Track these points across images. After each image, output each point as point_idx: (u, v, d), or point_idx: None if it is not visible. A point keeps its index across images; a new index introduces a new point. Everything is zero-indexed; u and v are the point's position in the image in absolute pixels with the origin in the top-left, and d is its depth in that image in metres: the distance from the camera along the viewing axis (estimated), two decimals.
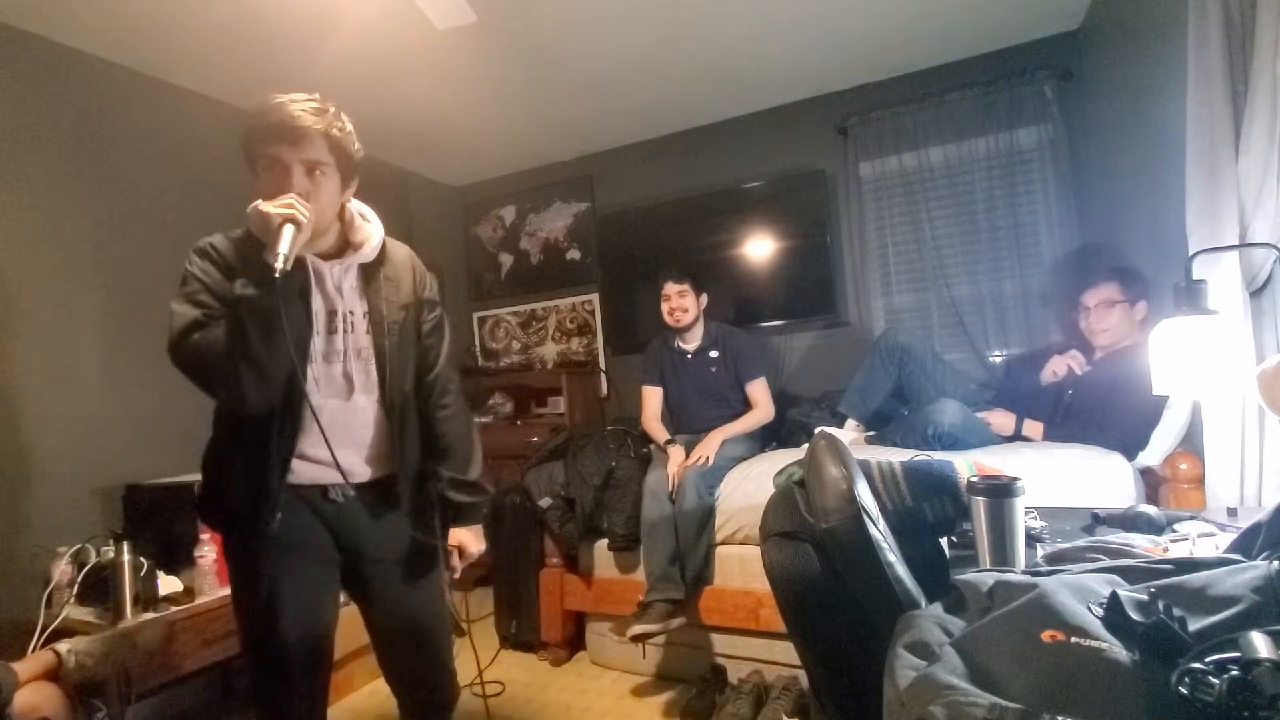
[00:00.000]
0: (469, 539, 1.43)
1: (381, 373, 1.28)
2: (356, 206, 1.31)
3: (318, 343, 1.24)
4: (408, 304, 1.33)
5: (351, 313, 1.27)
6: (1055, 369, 2.27)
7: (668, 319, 2.61)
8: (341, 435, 1.25)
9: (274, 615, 1.25)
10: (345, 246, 1.28)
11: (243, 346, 1.08)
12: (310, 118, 1.15)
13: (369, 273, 1.29)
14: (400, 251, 1.37)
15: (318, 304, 1.24)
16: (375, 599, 1.37)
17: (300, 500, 1.26)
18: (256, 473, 1.21)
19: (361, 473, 1.30)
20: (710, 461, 2.26)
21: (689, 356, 2.66)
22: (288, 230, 1.08)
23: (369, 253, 1.28)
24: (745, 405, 2.67)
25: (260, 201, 1.12)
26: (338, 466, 1.22)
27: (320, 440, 1.20)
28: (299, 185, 1.14)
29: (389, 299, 1.30)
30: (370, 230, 1.30)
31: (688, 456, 2.34)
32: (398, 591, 1.36)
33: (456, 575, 1.44)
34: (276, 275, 1.06)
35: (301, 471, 1.25)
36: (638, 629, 2.04)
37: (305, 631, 1.27)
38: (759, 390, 2.59)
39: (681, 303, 2.57)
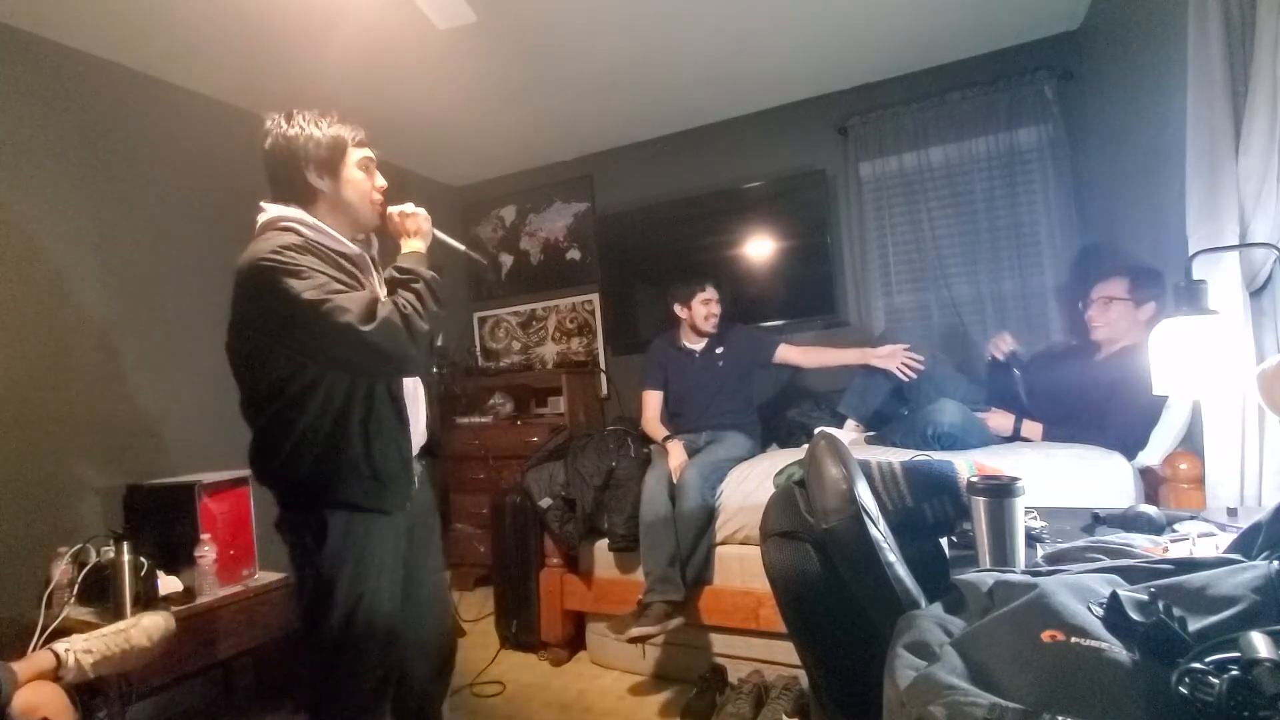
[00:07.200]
0: None
1: None
2: None
3: None
4: None
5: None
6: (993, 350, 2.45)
7: (702, 324, 2.64)
8: (413, 405, 1.40)
9: (389, 601, 1.32)
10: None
11: (433, 309, 1.25)
12: None
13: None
14: None
15: (377, 280, 1.40)
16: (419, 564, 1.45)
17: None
18: (396, 447, 1.32)
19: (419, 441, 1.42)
20: (679, 475, 2.27)
21: (696, 355, 2.68)
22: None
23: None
24: (745, 405, 2.67)
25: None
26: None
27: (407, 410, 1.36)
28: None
29: None
30: None
31: (689, 455, 2.36)
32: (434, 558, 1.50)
33: None
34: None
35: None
36: (636, 630, 2.04)
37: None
38: (791, 349, 2.65)
39: (717, 309, 2.65)
